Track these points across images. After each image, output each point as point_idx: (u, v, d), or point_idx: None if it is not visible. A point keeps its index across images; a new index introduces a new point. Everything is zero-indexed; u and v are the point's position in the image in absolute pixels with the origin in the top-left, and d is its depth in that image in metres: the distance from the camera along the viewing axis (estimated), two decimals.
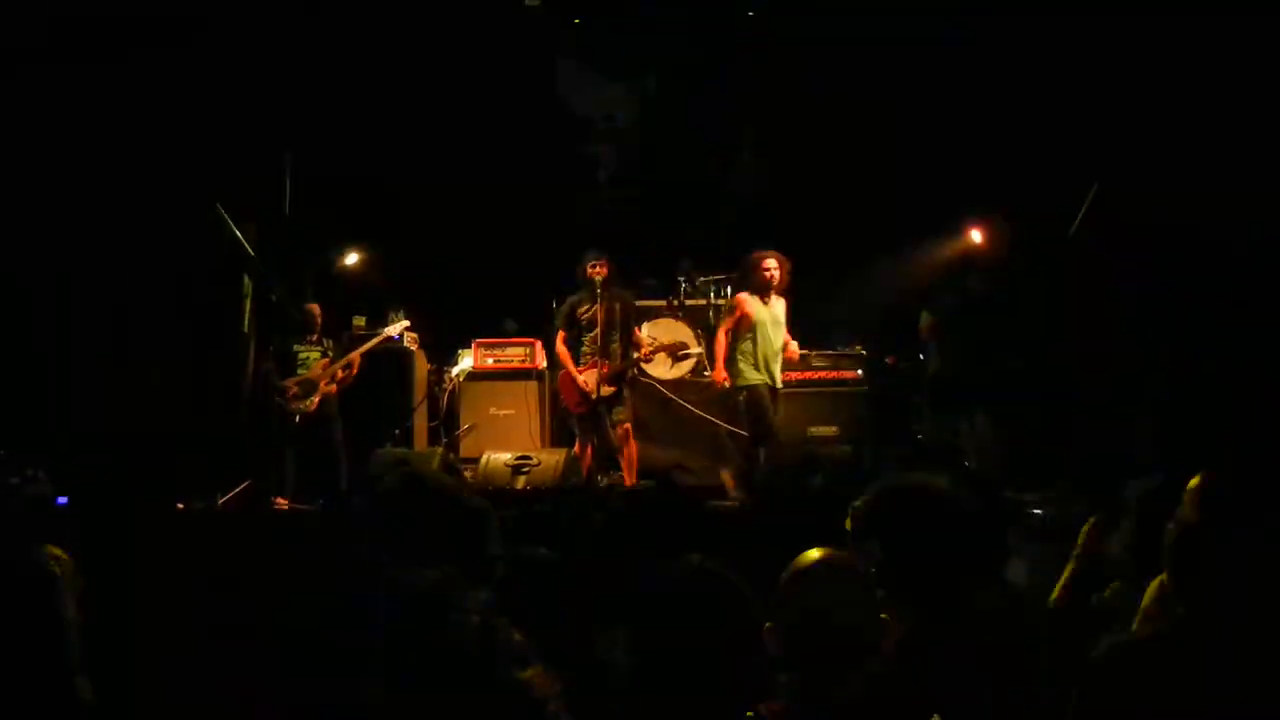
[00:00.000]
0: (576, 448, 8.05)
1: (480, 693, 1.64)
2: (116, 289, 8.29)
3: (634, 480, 7.80)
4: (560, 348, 7.98)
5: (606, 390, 7.70)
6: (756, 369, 7.86)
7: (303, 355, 8.38)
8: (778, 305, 7.96)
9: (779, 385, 7.97)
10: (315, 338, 8.49)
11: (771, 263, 7.89)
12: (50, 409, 7.95)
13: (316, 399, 8.23)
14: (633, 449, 7.83)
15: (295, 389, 8.22)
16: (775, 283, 7.89)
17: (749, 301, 7.92)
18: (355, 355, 8.48)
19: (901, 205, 9.55)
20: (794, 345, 8.04)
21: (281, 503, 7.61)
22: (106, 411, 7.95)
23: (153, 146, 8.18)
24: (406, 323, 8.83)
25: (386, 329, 8.76)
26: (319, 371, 8.31)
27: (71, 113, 7.98)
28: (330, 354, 8.48)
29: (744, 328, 7.87)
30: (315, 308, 8.56)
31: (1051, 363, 8.36)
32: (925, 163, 9.40)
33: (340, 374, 8.43)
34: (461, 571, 1.83)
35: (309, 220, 9.11)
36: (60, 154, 8.00)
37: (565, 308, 8.02)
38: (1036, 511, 5.96)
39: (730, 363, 7.88)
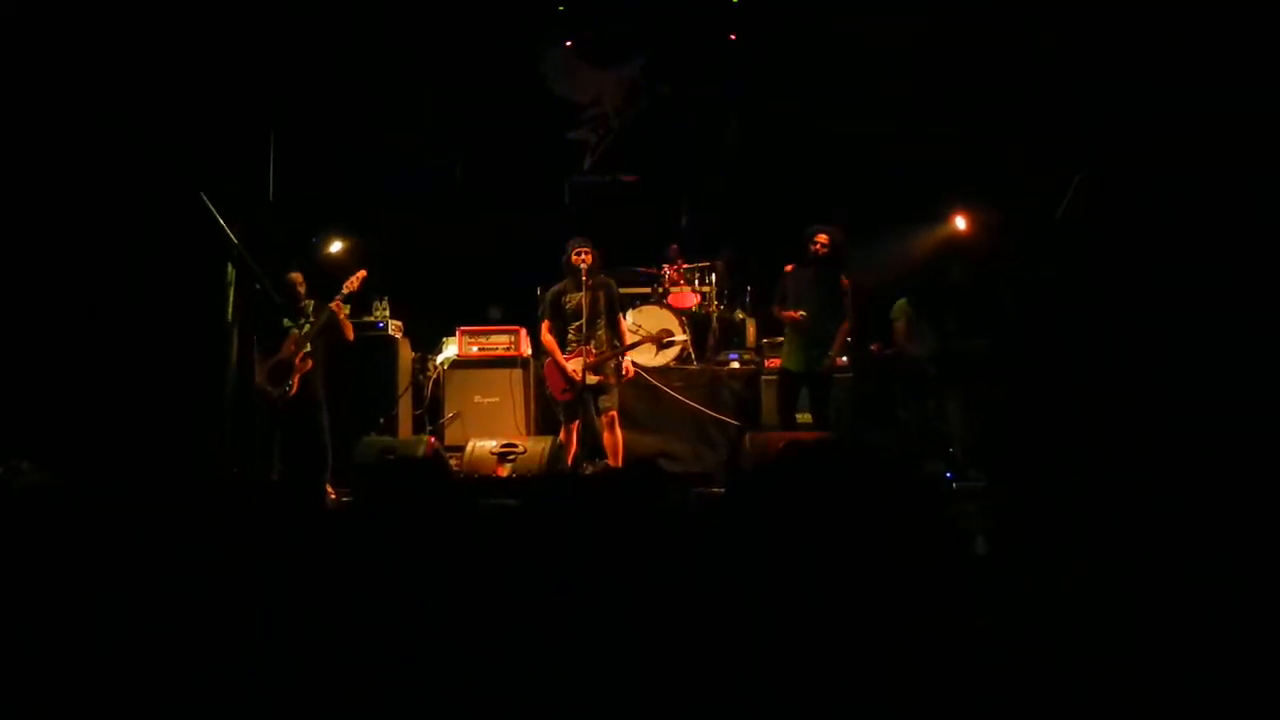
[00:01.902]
0: (561, 435, 8.05)
1: None
2: (99, 277, 8.23)
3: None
4: (546, 336, 7.95)
5: (592, 378, 7.69)
6: (790, 352, 7.97)
7: (293, 332, 8.07)
8: (831, 284, 7.85)
9: (817, 368, 7.86)
10: (302, 305, 8.10)
11: (821, 237, 7.79)
12: (33, 399, 7.90)
13: (295, 380, 7.94)
14: (618, 437, 7.82)
15: (271, 373, 7.96)
16: (822, 258, 7.78)
17: (789, 276, 7.93)
18: (319, 326, 7.99)
19: (888, 191, 9.59)
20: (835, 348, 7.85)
21: None
22: (90, 401, 7.90)
23: (136, 133, 8.13)
24: (362, 273, 8.16)
25: (347, 283, 8.09)
26: (291, 349, 7.97)
27: (55, 98, 7.93)
28: (309, 324, 8.02)
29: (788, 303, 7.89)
30: (297, 276, 8.17)
31: (1029, 347, 8.41)
32: (911, 148, 9.43)
33: (310, 348, 8.00)
34: None
35: (293, 208, 9.10)
36: (43, 141, 7.95)
37: (549, 296, 7.99)
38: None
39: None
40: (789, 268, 7.95)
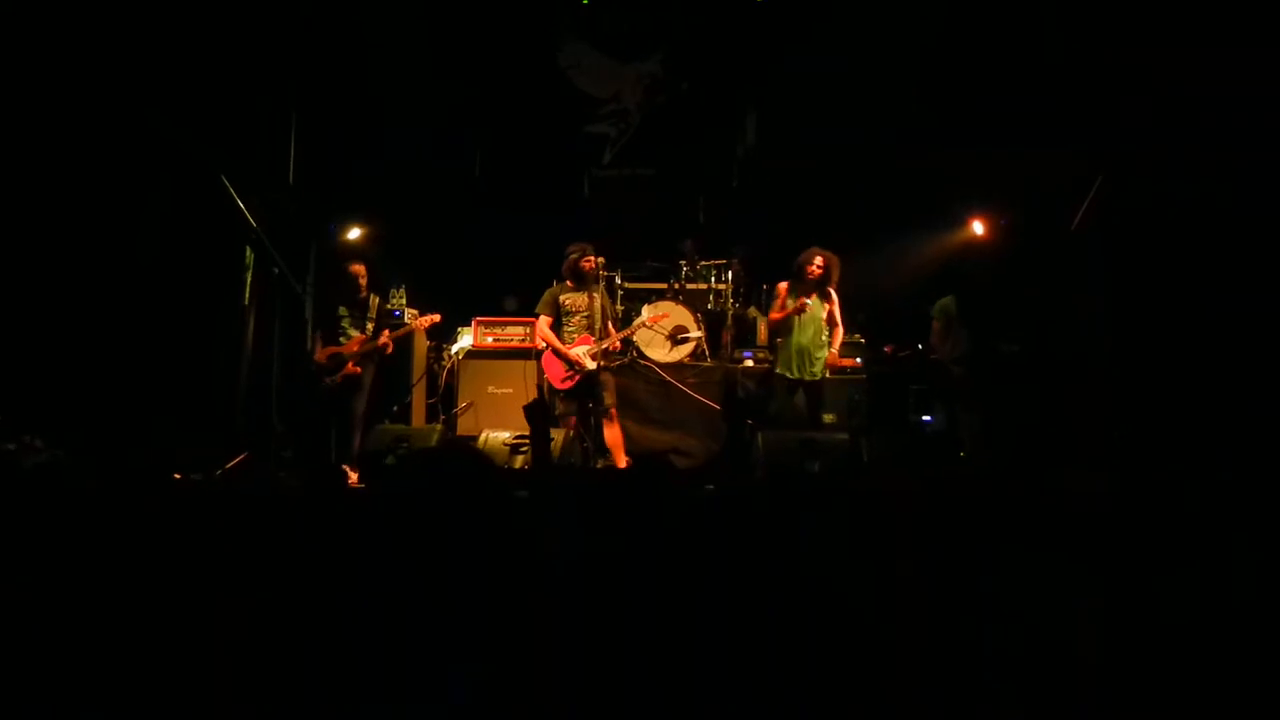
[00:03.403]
0: (563, 425, 8.14)
1: None
2: (118, 258, 8.27)
3: (624, 463, 7.85)
4: (545, 331, 8.22)
5: (593, 364, 7.90)
6: (784, 359, 8.18)
7: (345, 323, 8.30)
8: (820, 302, 8.10)
9: (809, 377, 8.10)
10: (362, 297, 8.34)
11: (819, 260, 8.08)
12: (48, 378, 7.93)
13: (340, 376, 8.16)
14: (618, 431, 7.92)
15: (325, 362, 8.18)
16: (816, 280, 8.07)
17: (786, 292, 8.21)
18: (385, 339, 8.30)
19: (905, 194, 9.56)
20: (834, 349, 8.20)
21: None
22: (105, 382, 7.94)
23: (155, 115, 8.15)
24: (437, 317, 8.66)
25: (419, 320, 8.61)
26: (354, 349, 8.21)
27: (72, 79, 7.96)
28: (370, 322, 8.32)
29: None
30: (359, 268, 8.38)
31: (1048, 351, 8.37)
32: (929, 151, 9.40)
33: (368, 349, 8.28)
34: None
35: (313, 194, 9.13)
36: (63, 124, 7.98)
37: (549, 296, 8.26)
38: None
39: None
40: (779, 286, 8.25)
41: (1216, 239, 7.61)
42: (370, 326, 8.29)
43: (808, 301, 8.02)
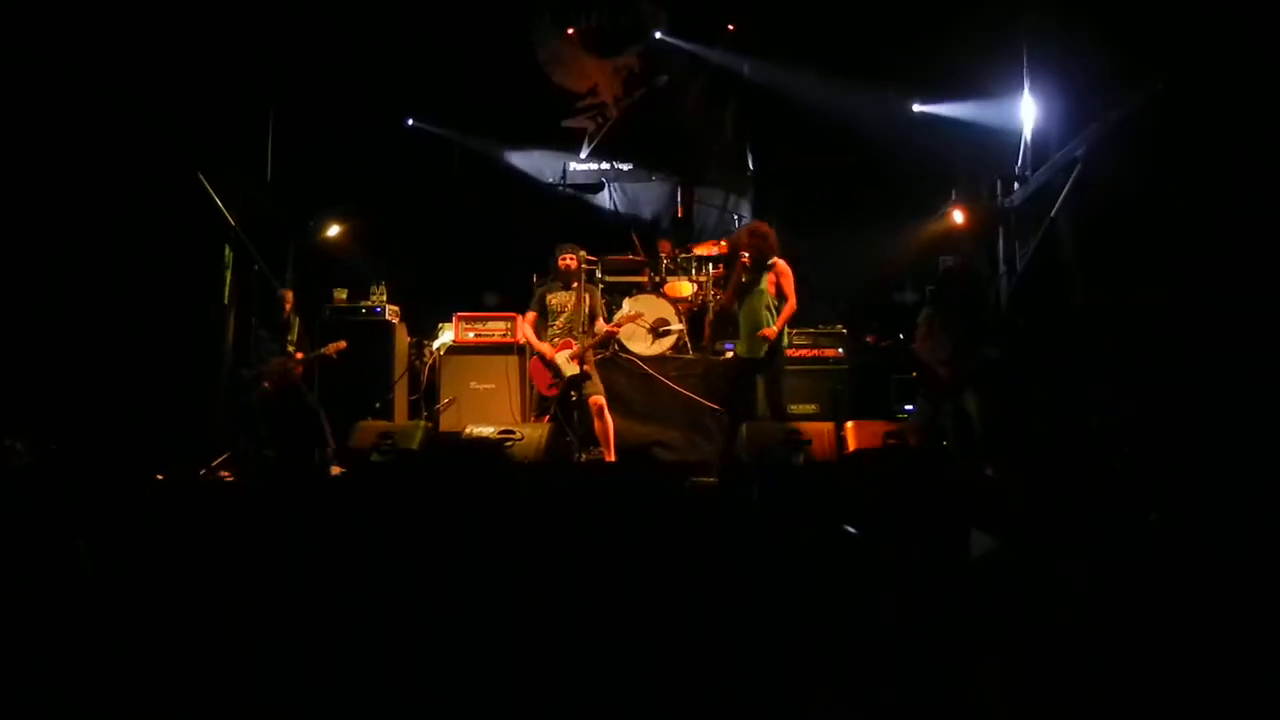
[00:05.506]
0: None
1: None
2: (96, 258, 8.22)
3: (613, 456, 7.83)
4: (527, 329, 8.19)
5: (575, 368, 7.80)
6: None
7: (263, 336, 8.45)
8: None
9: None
10: (285, 319, 8.47)
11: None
12: (29, 380, 7.88)
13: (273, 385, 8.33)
14: (609, 424, 7.88)
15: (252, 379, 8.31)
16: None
17: None
18: (299, 360, 8.44)
19: (885, 184, 9.59)
20: None
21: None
22: (86, 383, 7.89)
23: (135, 115, 8.11)
24: (342, 345, 8.57)
25: (330, 348, 8.57)
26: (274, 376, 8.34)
27: (51, 76, 7.90)
28: (291, 344, 8.44)
29: None
30: (288, 294, 8.53)
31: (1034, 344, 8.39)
32: (910, 142, 9.43)
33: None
34: None
35: (291, 191, 9.11)
36: (38, 121, 7.92)
37: (538, 294, 8.22)
38: None
39: None
40: None
41: (1213, 237, 7.62)
42: (291, 349, 8.39)
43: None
